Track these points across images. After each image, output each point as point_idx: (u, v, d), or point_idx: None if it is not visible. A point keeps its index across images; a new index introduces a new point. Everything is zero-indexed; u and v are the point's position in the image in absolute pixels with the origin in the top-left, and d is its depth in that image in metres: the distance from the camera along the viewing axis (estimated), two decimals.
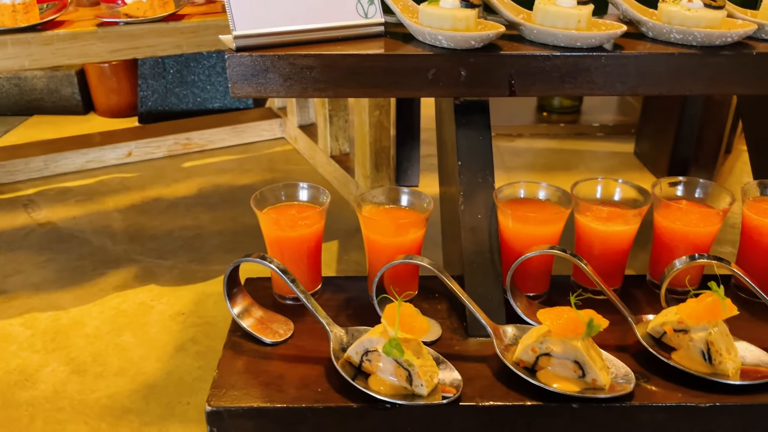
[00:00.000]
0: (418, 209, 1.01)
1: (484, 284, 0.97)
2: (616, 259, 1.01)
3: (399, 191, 1.02)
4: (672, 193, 1.06)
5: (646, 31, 1.01)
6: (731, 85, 0.99)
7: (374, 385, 0.83)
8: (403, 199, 1.02)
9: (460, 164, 1.03)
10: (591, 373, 0.83)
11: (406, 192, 1.03)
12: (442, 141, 1.26)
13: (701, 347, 0.86)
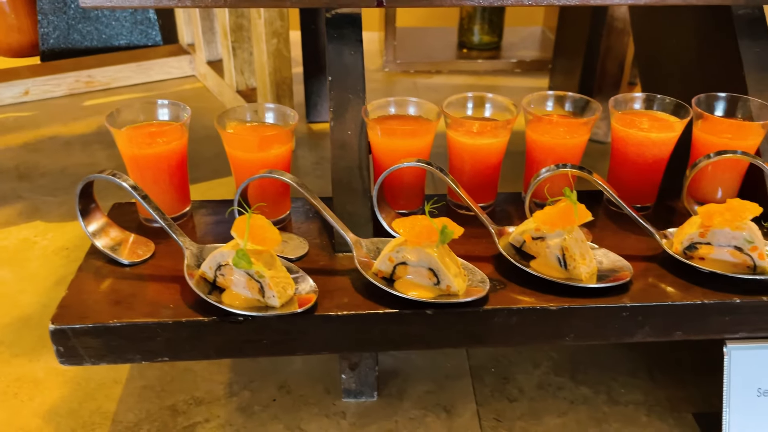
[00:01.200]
0: (281, 124, 0.98)
1: (352, 201, 0.96)
2: (487, 174, 1.00)
3: (263, 107, 0.99)
4: (543, 108, 1.05)
5: None
6: None
7: (227, 299, 0.81)
8: (268, 115, 0.99)
9: (330, 80, 1.00)
10: (445, 279, 0.83)
11: (270, 107, 1.00)
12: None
13: (557, 253, 0.87)
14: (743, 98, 1.03)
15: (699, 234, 0.89)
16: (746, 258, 0.87)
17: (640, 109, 1.04)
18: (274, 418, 0.97)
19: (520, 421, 0.97)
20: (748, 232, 0.86)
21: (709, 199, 1.03)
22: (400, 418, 0.97)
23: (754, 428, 0.90)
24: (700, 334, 0.88)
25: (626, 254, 0.93)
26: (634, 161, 1.01)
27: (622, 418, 0.98)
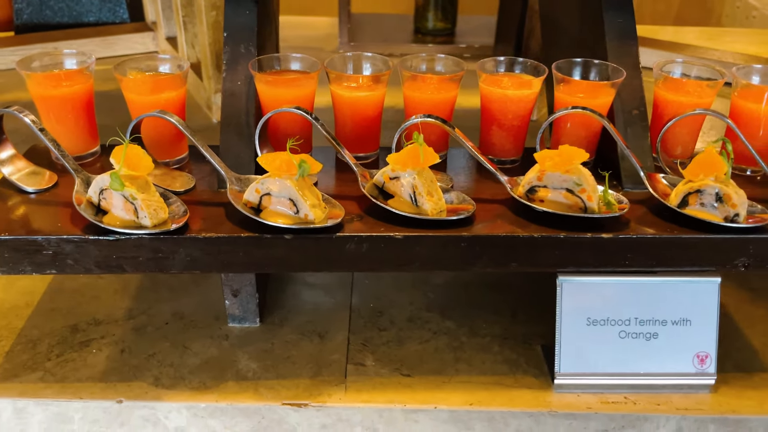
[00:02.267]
0: (173, 71, 1.09)
1: (238, 144, 1.07)
2: (365, 125, 1.11)
3: (156, 58, 1.10)
4: (417, 66, 1.15)
5: None
6: None
7: (108, 220, 0.92)
8: (161, 66, 1.10)
9: (225, 35, 1.11)
10: (303, 208, 0.93)
11: (165, 58, 1.10)
12: None
13: (409, 191, 0.98)
14: (596, 62, 1.13)
15: (537, 178, 0.99)
16: (577, 200, 0.98)
17: (504, 71, 1.15)
18: (163, 338, 1.08)
19: (384, 346, 1.08)
20: (577, 176, 0.97)
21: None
22: (276, 341, 1.08)
23: (584, 354, 1.00)
24: (532, 266, 0.98)
25: (478, 197, 1.03)
26: (497, 118, 1.11)
27: (477, 346, 1.08)
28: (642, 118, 1.11)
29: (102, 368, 1.02)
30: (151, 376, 1.01)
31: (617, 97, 1.11)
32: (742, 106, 1.11)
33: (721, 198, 0.96)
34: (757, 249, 0.98)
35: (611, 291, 1.00)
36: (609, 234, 0.96)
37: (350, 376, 1.02)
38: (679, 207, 0.98)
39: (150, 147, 1.06)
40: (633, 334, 1.00)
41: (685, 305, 1.00)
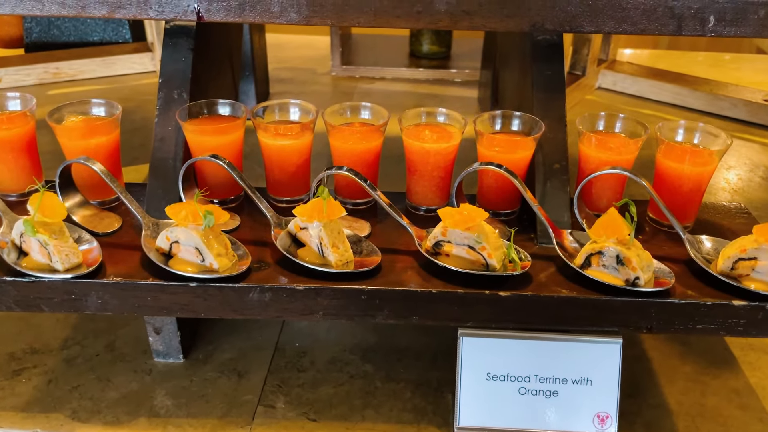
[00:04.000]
0: (106, 115, 1.14)
1: (164, 189, 1.11)
2: (293, 171, 1.14)
3: (90, 102, 1.16)
4: (343, 117, 1.18)
5: None
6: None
7: (27, 262, 0.98)
8: (95, 109, 1.16)
9: (160, 80, 1.16)
10: (208, 258, 0.97)
11: (100, 103, 1.16)
12: None
13: (316, 242, 1.01)
14: (518, 115, 1.14)
15: (441, 233, 1.01)
16: (479, 256, 0.99)
17: (425, 122, 1.17)
18: (90, 370, 1.13)
19: (299, 388, 1.11)
20: (477, 234, 0.98)
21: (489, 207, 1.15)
22: (196, 377, 1.12)
23: (484, 408, 1.02)
24: (433, 320, 1.00)
25: (392, 247, 1.06)
26: (420, 170, 1.13)
27: (390, 392, 1.10)
28: (563, 172, 1.11)
29: (27, 398, 1.08)
30: (70, 408, 1.06)
31: (539, 149, 1.12)
32: (666, 164, 1.10)
33: (622, 261, 0.96)
34: (659, 313, 0.97)
35: (511, 348, 1.01)
36: (507, 292, 0.98)
37: (258, 418, 1.05)
38: (582, 267, 0.99)
39: (82, 188, 1.11)
40: (533, 391, 1.01)
41: (586, 365, 1.00)
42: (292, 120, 1.18)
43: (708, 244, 1.05)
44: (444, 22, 1.10)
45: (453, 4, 1.08)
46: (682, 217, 1.11)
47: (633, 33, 1.09)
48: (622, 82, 2.41)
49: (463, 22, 1.09)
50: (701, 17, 1.07)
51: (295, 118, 1.17)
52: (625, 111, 2.19)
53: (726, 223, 1.17)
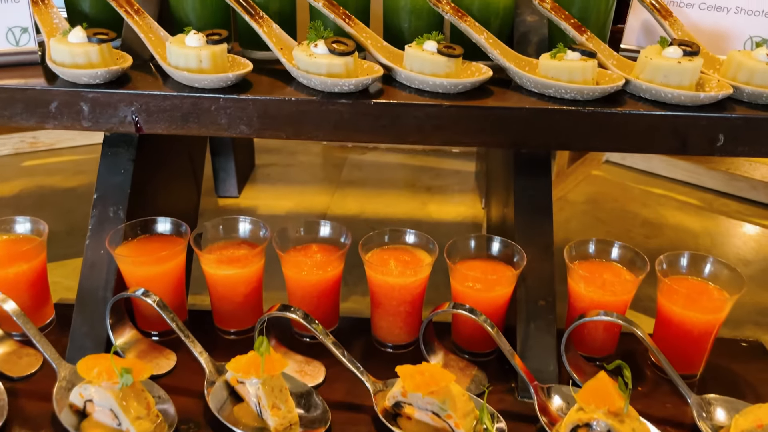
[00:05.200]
0: (33, 235, 1.02)
1: (91, 322, 0.98)
2: (240, 302, 1.01)
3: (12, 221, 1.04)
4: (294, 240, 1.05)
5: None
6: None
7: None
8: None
9: (96, 196, 1.03)
10: (125, 422, 0.83)
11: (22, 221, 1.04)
12: None
13: (254, 400, 0.86)
14: (499, 241, 1.00)
15: (401, 393, 0.86)
16: (445, 425, 0.84)
17: (389, 244, 1.03)
18: None
19: None
20: (443, 400, 0.83)
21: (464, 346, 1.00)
22: None
23: None
24: None
25: (347, 401, 0.91)
26: (384, 304, 0.99)
27: None
28: (548, 310, 0.97)
29: None
30: None
31: (521, 283, 0.97)
32: (668, 308, 0.95)
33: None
34: None
35: None
36: None
37: None
38: None
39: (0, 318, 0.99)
40: None
41: None
42: (242, 238, 1.05)
43: (719, 411, 0.89)
44: (413, 137, 0.97)
45: (422, 118, 0.95)
46: (688, 365, 0.96)
47: (631, 151, 0.96)
48: (632, 156, 2.26)
49: (434, 137, 0.96)
50: (710, 136, 0.93)
51: (245, 235, 1.04)
52: (634, 190, 2.04)
53: (741, 371, 1.01)
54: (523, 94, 0.98)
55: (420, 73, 0.96)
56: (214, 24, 1.11)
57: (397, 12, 1.07)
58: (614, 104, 0.94)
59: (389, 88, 0.99)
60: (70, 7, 1.13)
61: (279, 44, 1.02)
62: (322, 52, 0.95)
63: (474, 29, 1.00)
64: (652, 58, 0.94)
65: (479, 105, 0.94)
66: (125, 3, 1.04)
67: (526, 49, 1.06)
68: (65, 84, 0.96)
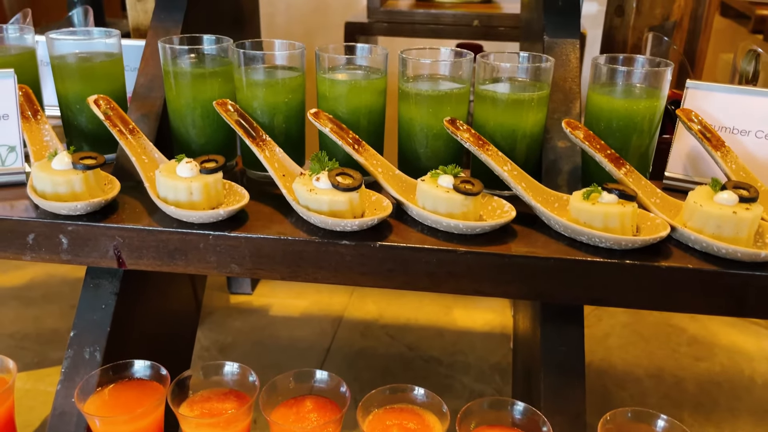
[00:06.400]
0: None
1: None
2: None
3: None
4: None
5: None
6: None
7: None
8: None
9: (72, 333, 0.94)
10: None
11: None
12: None
13: None
14: (518, 406, 0.86)
15: None
16: None
17: (394, 404, 0.89)
18: None
19: None
20: None
21: None
22: None
23: None
24: None
25: None
26: None
27: None
28: None
29: None
30: None
31: None
32: None
33: None
34: None
35: None
36: None
37: None
38: None
39: None
40: None
41: None
42: (229, 386, 0.93)
43: None
44: (422, 283, 0.85)
45: (433, 263, 0.83)
46: None
47: (677, 311, 0.83)
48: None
49: (447, 285, 0.85)
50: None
51: (232, 384, 0.92)
52: None
53: None
54: (550, 237, 0.86)
55: (433, 212, 0.86)
56: (215, 140, 1.03)
57: (412, 136, 0.97)
58: (658, 256, 0.81)
59: (399, 225, 0.88)
60: (66, 120, 1.07)
61: (281, 170, 0.93)
62: (325, 186, 0.86)
63: (496, 160, 0.90)
64: (702, 205, 0.81)
65: (499, 252, 0.82)
66: (119, 122, 0.97)
67: (555, 180, 0.95)
68: (45, 214, 0.88)
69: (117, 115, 0.98)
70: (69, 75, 1.03)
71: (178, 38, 1.02)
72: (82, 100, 1.02)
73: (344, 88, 0.96)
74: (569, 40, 1.03)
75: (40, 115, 1.02)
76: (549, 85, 0.94)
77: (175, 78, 0.99)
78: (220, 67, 1.00)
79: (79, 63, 1.03)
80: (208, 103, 0.99)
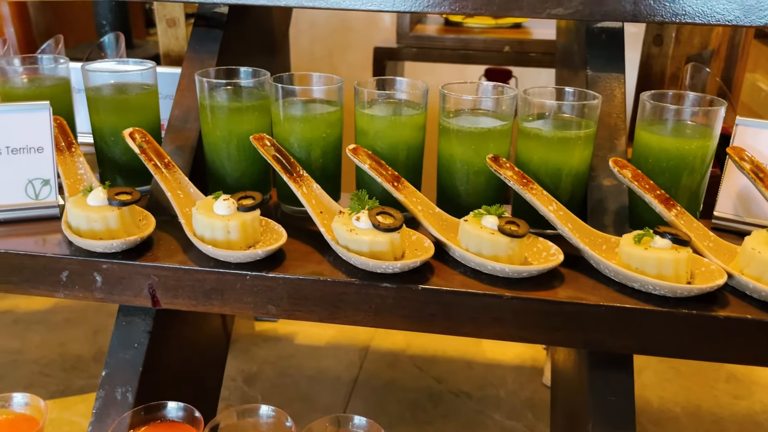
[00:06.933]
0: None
1: None
2: None
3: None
4: None
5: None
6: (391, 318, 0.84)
7: None
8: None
9: (104, 373, 0.92)
10: None
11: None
12: None
13: None
14: None
15: None
16: None
17: None
18: None
19: None
20: None
21: None
22: None
23: None
24: None
25: None
26: None
27: None
28: None
29: None
30: None
31: None
32: None
33: None
34: None
35: None
36: None
37: None
38: None
39: None
40: None
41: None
42: (264, 429, 0.90)
43: None
44: (466, 329, 0.82)
45: (478, 309, 0.81)
46: None
47: (737, 363, 0.79)
48: None
49: (491, 330, 0.82)
50: None
51: (266, 426, 0.90)
52: None
53: None
54: (599, 281, 0.83)
55: (477, 255, 0.83)
56: (251, 174, 1.01)
57: (453, 172, 0.95)
58: (714, 305, 0.77)
59: (440, 266, 0.85)
60: (100, 151, 1.05)
61: (318, 207, 0.91)
62: (365, 226, 0.83)
63: (541, 200, 0.87)
64: (761, 252, 0.77)
65: (547, 298, 0.79)
66: (155, 155, 0.95)
67: (601, 220, 0.92)
68: (79, 251, 0.87)
69: (152, 148, 0.96)
70: (104, 107, 1.01)
71: (215, 71, 1.01)
72: (116, 132, 1.01)
73: (383, 123, 0.94)
74: (614, 75, 1.00)
75: (74, 147, 1.01)
76: (596, 122, 0.91)
77: (211, 111, 0.97)
78: (258, 100, 0.99)
79: (114, 95, 1.02)
80: (244, 137, 0.98)
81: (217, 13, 1.11)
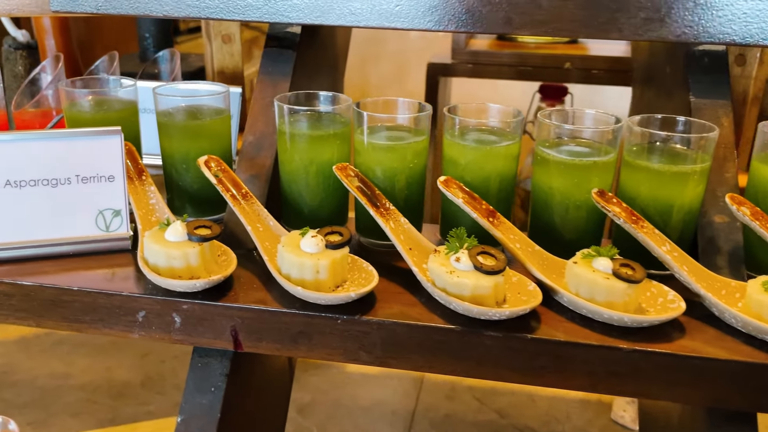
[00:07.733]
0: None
1: None
2: None
3: None
4: None
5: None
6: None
7: None
8: None
9: (179, 420, 0.86)
10: None
11: None
12: None
13: None
14: None
15: None
16: None
17: None
18: None
19: None
20: None
21: None
22: None
23: None
24: None
25: None
26: None
27: None
28: None
29: None
30: None
31: None
32: None
33: None
34: None
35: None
36: None
37: None
38: None
39: None
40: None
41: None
42: None
43: None
44: (579, 382, 0.76)
45: (593, 362, 0.74)
46: None
47: None
48: None
49: (607, 385, 0.75)
50: None
51: None
52: None
53: None
54: (721, 330, 0.76)
55: (590, 301, 0.76)
56: (329, 204, 0.95)
57: (550, 206, 0.88)
58: None
59: (546, 312, 0.79)
60: (169, 177, 1.00)
61: (408, 243, 0.85)
62: (466, 268, 0.77)
63: (653, 239, 0.80)
64: None
65: (671, 352, 0.72)
66: (231, 185, 0.90)
67: (714, 260, 0.85)
68: (156, 290, 0.81)
69: (228, 177, 0.91)
70: (176, 132, 0.96)
71: (294, 95, 0.96)
72: (188, 159, 0.96)
73: (476, 153, 0.88)
74: (720, 102, 0.93)
75: (144, 175, 0.96)
76: (711, 156, 0.84)
77: (291, 138, 0.92)
78: (339, 127, 0.93)
79: (187, 121, 0.97)
80: (324, 165, 0.92)
81: (289, 33, 1.06)
